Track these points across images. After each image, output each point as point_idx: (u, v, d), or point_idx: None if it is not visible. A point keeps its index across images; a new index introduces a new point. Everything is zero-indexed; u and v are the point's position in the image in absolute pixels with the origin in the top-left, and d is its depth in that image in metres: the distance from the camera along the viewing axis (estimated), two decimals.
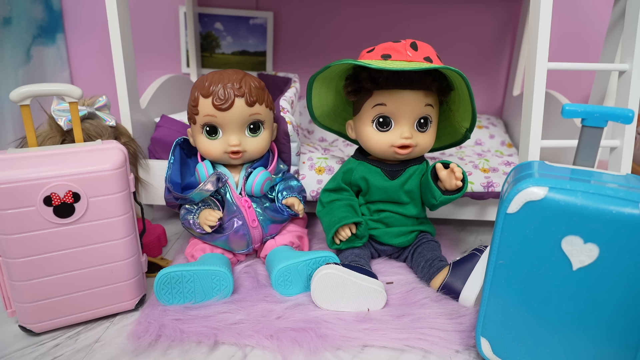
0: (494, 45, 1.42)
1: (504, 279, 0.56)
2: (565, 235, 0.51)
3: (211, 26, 1.42)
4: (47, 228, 0.61)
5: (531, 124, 0.75)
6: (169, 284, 0.70)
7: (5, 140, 1.17)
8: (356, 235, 0.81)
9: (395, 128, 0.78)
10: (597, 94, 0.90)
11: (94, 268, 0.65)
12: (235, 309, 0.70)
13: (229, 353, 0.63)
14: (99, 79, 1.44)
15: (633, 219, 0.48)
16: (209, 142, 0.78)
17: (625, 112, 0.56)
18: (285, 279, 0.74)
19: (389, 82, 0.75)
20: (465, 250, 0.95)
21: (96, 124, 0.83)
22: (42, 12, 1.29)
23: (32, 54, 1.26)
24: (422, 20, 1.39)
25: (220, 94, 0.75)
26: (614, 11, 0.84)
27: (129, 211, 0.66)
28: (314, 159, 0.97)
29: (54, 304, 0.64)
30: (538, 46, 0.74)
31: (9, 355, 0.62)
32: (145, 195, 0.98)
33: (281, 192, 0.85)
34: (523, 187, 0.51)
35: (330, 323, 0.67)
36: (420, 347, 0.64)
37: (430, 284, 0.78)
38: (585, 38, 1.37)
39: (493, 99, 1.48)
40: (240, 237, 0.80)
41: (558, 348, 0.55)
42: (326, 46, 1.43)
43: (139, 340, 0.63)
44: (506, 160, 1.01)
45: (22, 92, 0.63)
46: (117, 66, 0.89)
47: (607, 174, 0.56)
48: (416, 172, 0.82)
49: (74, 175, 0.60)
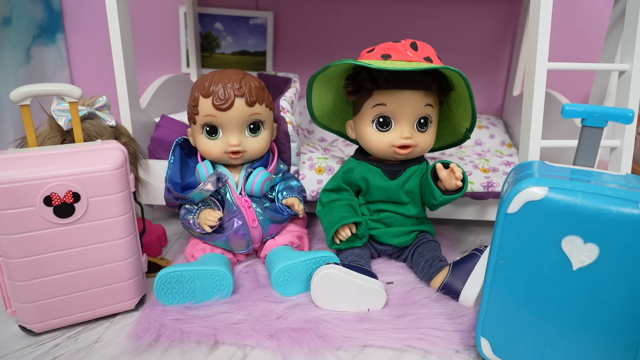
0: (494, 45, 1.42)
1: (504, 279, 0.56)
2: (565, 235, 0.51)
3: (211, 26, 1.42)
4: (47, 228, 0.61)
5: (531, 124, 0.75)
6: (169, 284, 0.70)
7: (5, 140, 1.17)
8: (356, 235, 0.81)
9: (395, 128, 0.78)
10: (597, 94, 0.90)
11: (94, 268, 0.65)
12: (235, 309, 0.70)
13: (229, 353, 0.63)
14: (99, 79, 1.44)
15: (633, 219, 0.48)
16: (209, 142, 0.78)
17: (625, 112, 0.56)
18: (285, 279, 0.74)
19: (389, 82, 0.75)
20: (465, 250, 0.95)
21: (96, 124, 0.83)
22: (42, 12, 1.29)
23: (32, 54, 1.26)
24: (422, 20, 1.39)
25: (220, 94, 0.75)
26: (614, 11, 0.84)
27: (129, 211, 0.66)
28: (314, 159, 0.97)
29: (54, 304, 0.64)
30: (538, 46, 0.74)
31: (9, 355, 0.62)
32: (145, 195, 0.98)
33: (281, 192, 0.85)
34: (523, 187, 0.51)
35: (330, 323, 0.67)
36: (420, 347, 0.64)
37: (430, 284, 0.78)
38: (585, 38, 1.37)
39: (493, 99, 1.48)
40: (240, 237, 0.80)
41: (558, 348, 0.55)
42: (326, 46, 1.43)
43: (139, 340, 0.63)
44: (506, 160, 1.01)
45: (22, 92, 0.63)
46: (117, 66, 0.89)
47: (607, 174, 0.56)
48: (416, 172, 0.82)
49: (74, 175, 0.60)
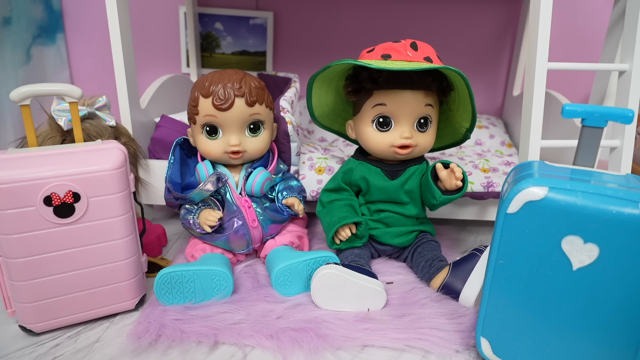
0: (494, 45, 1.42)
1: (504, 279, 0.56)
2: (565, 235, 0.51)
3: (211, 26, 1.42)
4: (47, 228, 0.61)
5: (531, 124, 0.75)
6: (169, 284, 0.70)
7: (5, 140, 1.17)
8: (356, 235, 0.81)
9: (395, 128, 0.78)
10: (597, 94, 0.90)
11: (94, 268, 0.65)
12: (235, 309, 0.70)
13: (229, 353, 0.63)
14: (99, 79, 1.44)
15: (633, 219, 0.48)
16: (209, 142, 0.78)
17: (625, 112, 0.56)
18: (285, 279, 0.74)
19: (389, 82, 0.75)
20: (465, 250, 0.95)
21: (96, 124, 0.83)
22: (42, 12, 1.29)
23: (32, 54, 1.26)
24: (422, 20, 1.39)
25: (220, 94, 0.75)
26: (614, 11, 0.84)
27: (129, 211, 0.66)
28: (314, 159, 0.97)
29: (54, 304, 0.64)
30: (538, 46, 0.74)
31: (9, 355, 0.62)
32: (145, 195, 0.98)
33: (281, 192, 0.85)
34: (523, 187, 0.51)
35: (330, 323, 0.67)
36: (420, 347, 0.64)
37: (430, 284, 0.78)
38: (585, 38, 1.37)
39: (493, 99, 1.48)
40: (240, 237, 0.80)
41: (558, 348, 0.55)
42: (326, 46, 1.43)
43: (139, 340, 0.63)
44: (506, 160, 1.01)
45: (22, 92, 0.63)
46: (117, 66, 0.89)
47: (607, 174, 0.56)
48: (416, 172, 0.82)
49: (74, 175, 0.60)
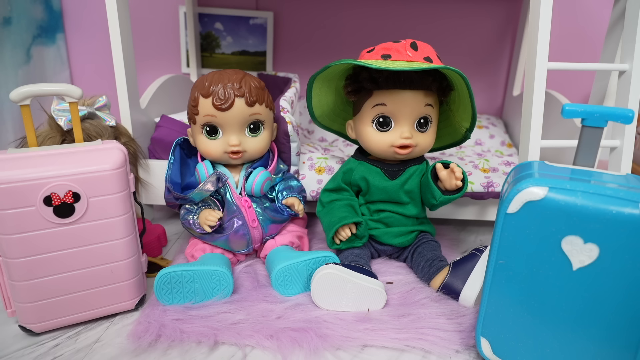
0: (494, 46, 1.42)
1: (504, 279, 0.56)
2: (565, 235, 0.51)
3: (211, 26, 1.42)
4: (47, 228, 0.61)
5: (531, 124, 0.75)
6: (169, 284, 0.70)
7: (5, 140, 1.17)
8: (356, 235, 0.81)
9: (395, 128, 0.78)
10: (597, 94, 0.90)
11: (94, 268, 0.65)
12: (235, 309, 0.70)
13: (229, 353, 0.63)
14: (99, 79, 1.44)
15: (633, 219, 0.48)
16: (209, 142, 0.78)
17: (625, 112, 0.56)
18: (285, 279, 0.74)
19: (389, 82, 0.75)
20: (465, 250, 0.95)
21: (96, 124, 0.83)
22: (42, 12, 1.29)
23: (32, 54, 1.26)
24: (422, 20, 1.39)
25: (220, 94, 0.75)
26: (614, 11, 0.84)
27: (129, 211, 0.66)
28: (314, 159, 0.97)
29: (54, 304, 0.64)
30: (538, 46, 0.74)
31: (9, 355, 0.62)
32: (145, 195, 0.98)
33: (281, 192, 0.85)
34: (523, 187, 0.51)
35: (330, 323, 0.67)
36: (420, 347, 0.64)
37: (430, 284, 0.78)
38: (585, 38, 1.37)
39: (493, 99, 1.48)
40: (240, 237, 0.80)
41: (558, 348, 0.55)
42: (326, 46, 1.43)
43: (139, 340, 0.63)
44: (506, 160, 1.01)
45: (22, 92, 0.63)
46: (117, 66, 0.89)
47: (607, 174, 0.56)
48: (416, 172, 0.82)
49: (74, 175, 0.60)
